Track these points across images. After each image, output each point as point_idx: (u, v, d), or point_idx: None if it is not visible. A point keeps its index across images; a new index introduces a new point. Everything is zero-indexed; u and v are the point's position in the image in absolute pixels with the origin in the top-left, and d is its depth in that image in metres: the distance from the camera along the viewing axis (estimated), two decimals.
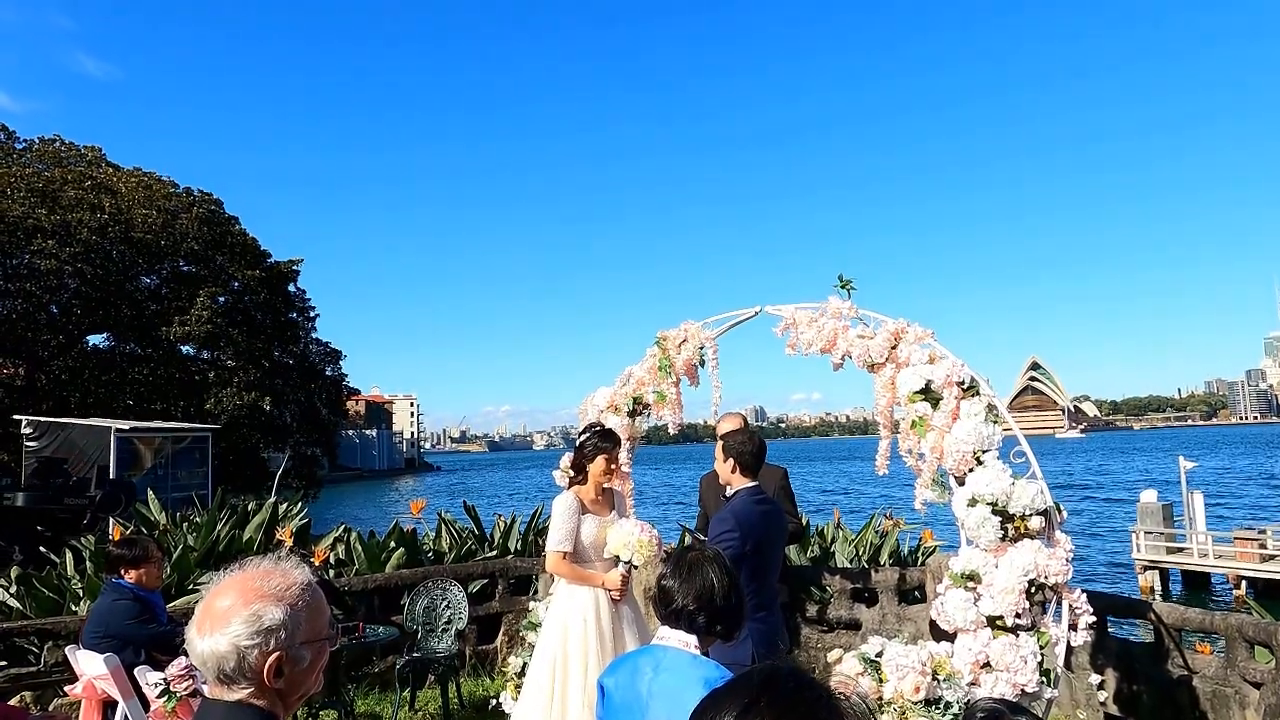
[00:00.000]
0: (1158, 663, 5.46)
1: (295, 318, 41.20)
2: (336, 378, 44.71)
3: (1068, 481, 57.07)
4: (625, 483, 5.97)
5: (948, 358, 4.49)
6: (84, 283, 33.25)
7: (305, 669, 1.54)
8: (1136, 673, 5.56)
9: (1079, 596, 4.07)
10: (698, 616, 2.44)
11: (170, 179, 37.03)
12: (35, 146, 36.37)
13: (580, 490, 4.38)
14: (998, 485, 4.04)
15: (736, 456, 3.89)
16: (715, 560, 2.53)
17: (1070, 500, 43.24)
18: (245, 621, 1.47)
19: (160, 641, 4.37)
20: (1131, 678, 5.58)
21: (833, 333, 4.90)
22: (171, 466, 25.34)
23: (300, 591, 1.55)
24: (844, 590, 6.99)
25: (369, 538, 7.63)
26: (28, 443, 24.03)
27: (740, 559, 3.69)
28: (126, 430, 23.91)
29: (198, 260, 36.23)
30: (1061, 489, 50.18)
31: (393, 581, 6.79)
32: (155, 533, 7.20)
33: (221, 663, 1.47)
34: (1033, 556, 3.97)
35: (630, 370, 5.95)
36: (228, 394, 34.56)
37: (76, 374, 34.08)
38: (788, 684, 1.18)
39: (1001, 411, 4.39)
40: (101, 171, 35.24)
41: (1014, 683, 3.82)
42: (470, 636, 7.02)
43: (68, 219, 31.39)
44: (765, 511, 3.85)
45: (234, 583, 1.55)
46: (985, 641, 3.95)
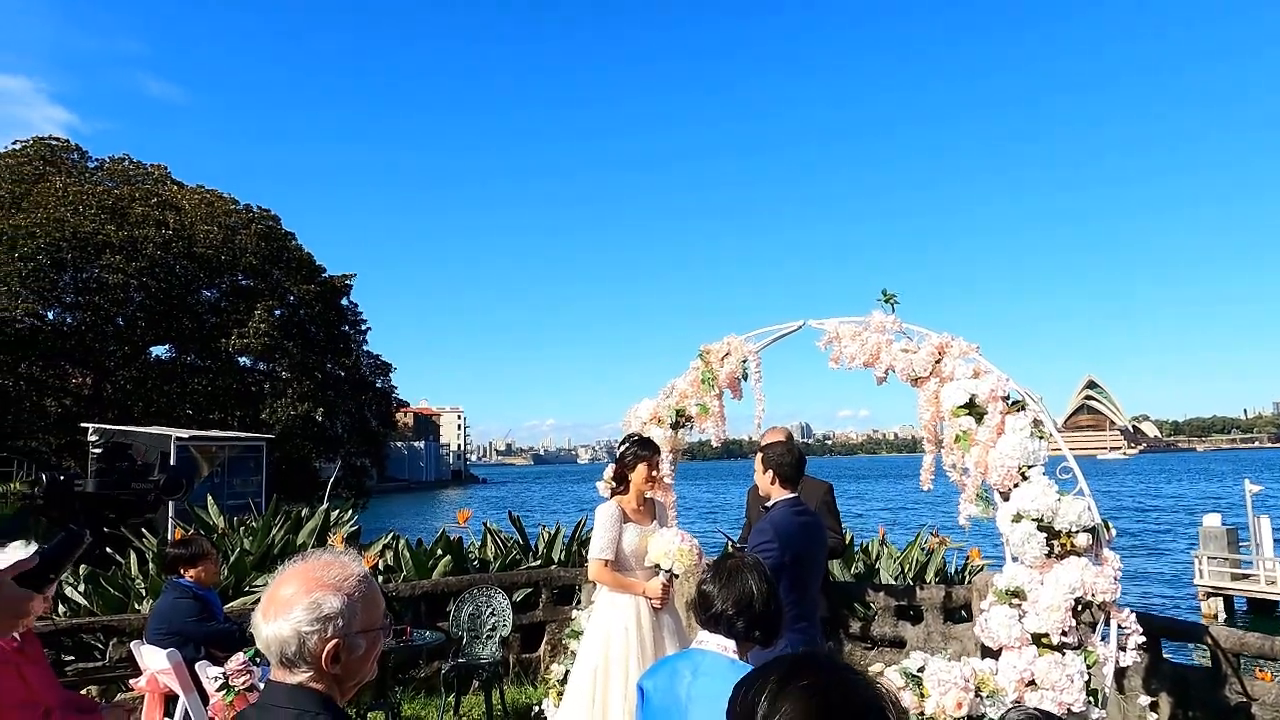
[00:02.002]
0: (1214, 688, 5.29)
1: (347, 331, 42.23)
2: (386, 390, 45.63)
3: (1116, 504, 55.34)
4: (668, 494, 6.03)
5: (992, 372, 4.47)
6: (148, 296, 34.59)
7: (361, 656, 1.63)
8: (1192, 698, 5.41)
9: (1128, 616, 4.00)
10: (737, 621, 2.48)
11: (231, 196, 38.40)
12: (106, 165, 38.05)
13: (622, 500, 4.44)
14: (1043, 501, 4.00)
15: (776, 468, 3.93)
16: (755, 568, 2.58)
17: (1120, 522, 41.88)
18: (306, 609, 1.57)
19: (218, 639, 4.53)
20: (1186, 703, 5.42)
21: (876, 347, 4.90)
22: (227, 474, 26.08)
23: (357, 583, 1.64)
24: (888, 607, 6.92)
25: (417, 545, 7.79)
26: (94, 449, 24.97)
27: (779, 569, 3.71)
28: (186, 438, 24.69)
29: (256, 274, 37.42)
30: (1109, 512, 48.64)
31: (439, 588, 6.92)
32: (214, 536, 7.46)
33: (284, 647, 1.57)
34: (1079, 574, 3.92)
35: (673, 383, 6.00)
36: (282, 404, 35.53)
37: (140, 383, 35.39)
38: (827, 664, 1.23)
39: (1047, 426, 4.35)
40: (166, 189, 36.69)
41: (1060, 701, 3.77)
42: (514, 644, 7.11)
43: (135, 235, 32.70)
44: (805, 523, 3.87)
45: (297, 572, 1.65)
46: (1030, 659, 3.90)
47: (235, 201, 38.37)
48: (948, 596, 6.77)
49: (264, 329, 35.48)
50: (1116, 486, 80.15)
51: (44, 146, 36.81)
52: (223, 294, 37.88)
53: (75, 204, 32.01)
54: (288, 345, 36.63)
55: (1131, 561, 28.26)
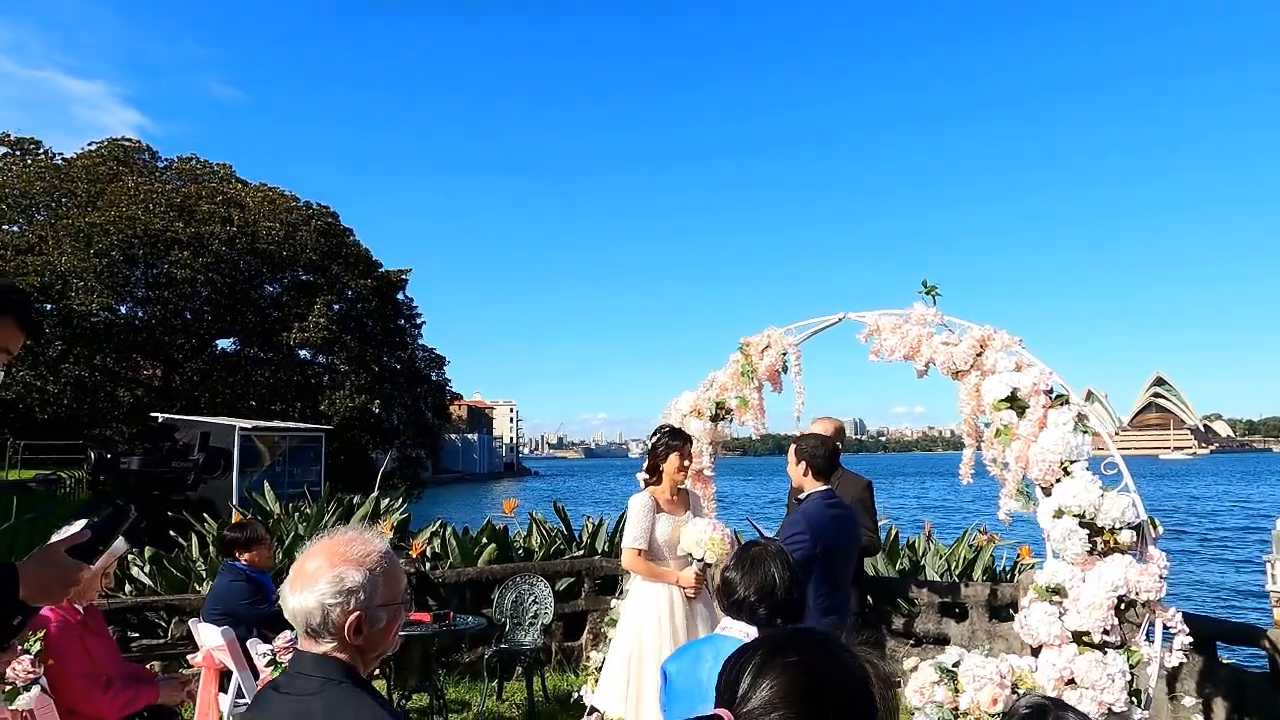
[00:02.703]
0: (1273, 693, 5.13)
1: (403, 325, 43.04)
2: (440, 383, 46.38)
3: (1174, 505, 53.24)
4: (708, 486, 6.05)
5: (1035, 365, 4.39)
6: (214, 291, 35.79)
7: (382, 629, 1.70)
8: (1248, 702, 5.24)
9: (1174, 615, 3.90)
10: (759, 608, 2.51)
11: (292, 193, 39.42)
12: (174, 165, 39.46)
13: (655, 490, 4.49)
14: (1085, 497, 3.92)
15: (809, 460, 3.93)
16: (778, 555, 2.60)
17: (1170, 522, 40.19)
18: (330, 582, 1.65)
19: (268, 621, 4.72)
20: (1242, 708, 5.26)
21: (916, 339, 4.85)
22: (288, 464, 26.96)
23: (379, 558, 1.72)
24: (931, 604, 6.84)
25: (464, 534, 7.95)
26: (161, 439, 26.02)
27: (810, 561, 3.72)
28: (249, 429, 25.60)
29: (315, 270, 38.38)
30: (1163, 513, 46.71)
31: (484, 575, 7.07)
32: (270, 522, 7.75)
33: (309, 618, 1.66)
34: (1123, 572, 3.83)
35: (714, 375, 6.02)
36: (340, 397, 36.40)
37: (206, 375, 36.65)
38: (816, 641, 1.24)
39: (1093, 422, 4.25)
40: (231, 187, 37.88)
41: (1100, 701, 3.70)
42: (557, 633, 7.22)
43: (201, 231, 33.85)
44: (837, 515, 3.87)
45: (322, 548, 1.74)
46: (1070, 657, 3.83)
47: (296, 199, 39.39)
48: (993, 594, 6.65)
49: (323, 323, 36.36)
50: (1179, 488, 77.17)
51: (117, 147, 38.31)
52: (284, 289, 38.94)
53: (146, 202, 33.24)
54: (346, 339, 37.49)
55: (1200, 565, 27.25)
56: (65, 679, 3.24)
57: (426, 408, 44.07)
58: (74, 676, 3.27)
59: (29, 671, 3.04)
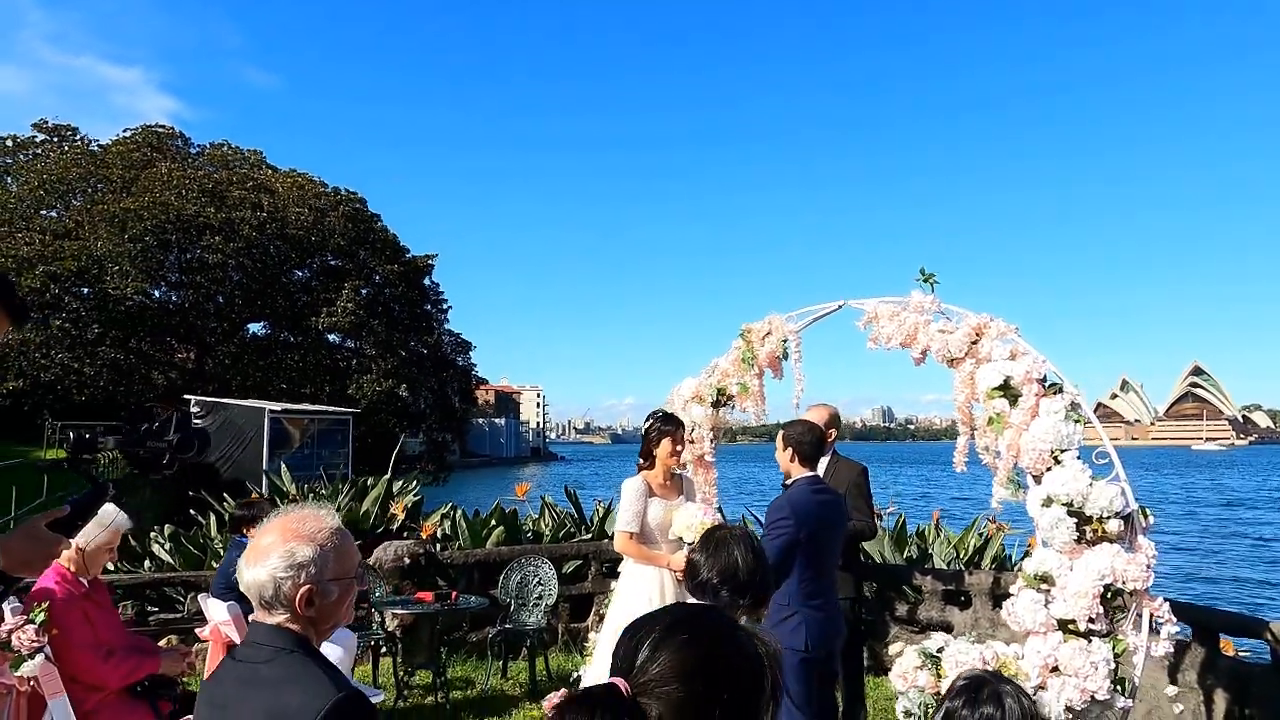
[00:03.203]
0: (1275, 685, 5.08)
1: (429, 310, 43.44)
2: (466, 367, 46.81)
3: (1194, 496, 51.98)
4: (709, 471, 6.10)
5: (1029, 353, 4.37)
6: (245, 275, 36.38)
7: (334, 602, 1.78)
8: (1251, 695, 5.19)
9: (1161, 605, 3.89)
10: (721, 590, 2.56)
11: (320, 179, 39.86)
12: (207, 151, 40.09)
13: (648, 475, 4.54)
14: (1074, 486, 3.91)
15: (795, 446, 3.96)
16: (742, 539, 2.65)
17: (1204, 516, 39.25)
18: (281, 556, 1.73)
19: None
20: (1245, 700, 5.21)
21: (913, 327, 4.84)
22: (317, 446, 27.43)
23: (329, 535, 1.79)
24: (935, 591, 6.85)
25: (474, 516, 8.09)
26: (195, 420, 26.63)
27: (794, 546, 3.76)
28: (278, 411, 26.08)
29: (344, 255, 38.84)
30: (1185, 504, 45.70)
31: (491, 557, 7.19)
32: (285, 502, 7.94)
33: (262, 590, 1.74)
34: (1110, 561, 3.82)
35: (716, 362, 6.05)
36: (368, 381, 36.87)
37: (238, 359, 37.34)
38: (713, 620, 1.26)
39: (1085, 411, 4.23)
40: (262, 173, 38.42)
41: (1083, 688, 3.70)
42: (563, 614, 7.34)
43: (232, 217, 34.39)
44: (822, 501, 3.90)
45: (276, 524, 1.81)
46: (1055, 645, 3.84)
47: (324, 184, 39.84)
48: (996, 582, 6.64)
49: (351, 308, 36.82)
50: (1208, 478, 75.52)
51: (151, 134, 39.01)
52: (313, 274, 39.47)
53: (179, 188, 33.83)
54: (373, 324, 37.94)
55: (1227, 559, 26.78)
56: (68, 648, 3.38)
57: (452, 392, 44.52)
58: (77, 646, 3.41)
59: (33, 641, 3.18)
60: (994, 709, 1.94)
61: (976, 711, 1.94)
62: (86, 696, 3.43)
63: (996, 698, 1.97)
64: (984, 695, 1.98)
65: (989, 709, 1.94)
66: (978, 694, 1.99)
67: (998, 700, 1.96)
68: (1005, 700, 1.95)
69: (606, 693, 1.18)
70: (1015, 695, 1.99)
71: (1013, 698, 1.97)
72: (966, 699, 1.99)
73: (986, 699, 1.97)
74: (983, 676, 2.07)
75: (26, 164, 36.38)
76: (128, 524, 3.68)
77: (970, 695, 2.00)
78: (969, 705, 1.97)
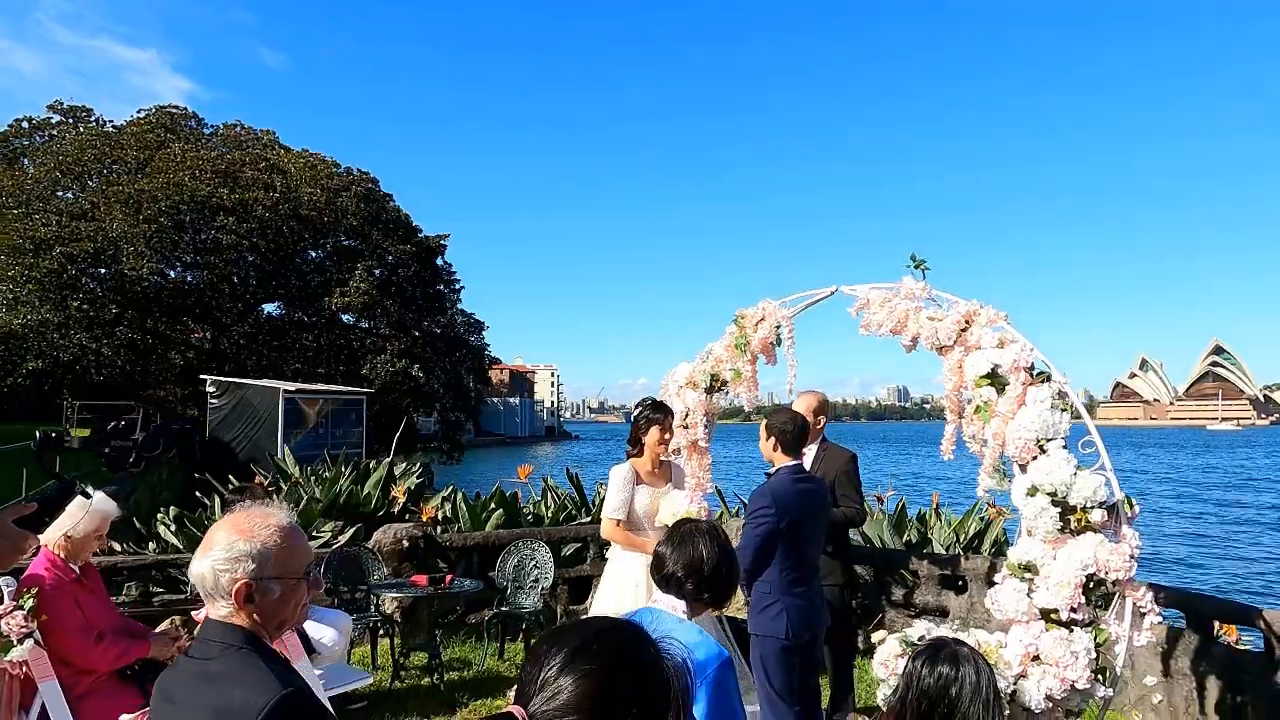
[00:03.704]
0: (1270, 674, 5.06)
1: (442, 290, 43.54)
2: (479, 347, 46.95)
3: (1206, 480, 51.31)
4: (704, 457, 6.10)
5: (1018, 341, 4.33)
6: (259, 256, 36.61)
7: (277, 599, 1.80)
8: (1244, 683, 5.18)
9: (1144, 594, 3.87)
10: (686, 583, 2.58)
11: (333, 159, 39.90)
12: (220, 131, 40.20)
13: (637, 462, 4.57)
14: (1058, 475, 3.89)
15: (778, 435, 3.96)
16: (709, 533, 2.66)
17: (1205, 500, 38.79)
18: (223, 549, 1.77)
19: None
20: (1238, 688, 5.20)
21: (904, 314, 4.81)
22: (331, 426, 27.69)
23: (273, 532, 1.81)
24: (932, 576, 6.84)
25: (474, 499, 8.16)
26: (211, 399, 26.96)
27: (775, 535, 3.78)
28: (293, 391, 26.33)
29: (356, 235, 38.96)
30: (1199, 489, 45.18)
31: (490, 540, 7.25)
32: (288, 484, 8.04)
33: (203, 581, 1.78)
34: (1093, 550, 3.81)
35: (710, 347, 6.04)
36: (381, 361, 37.08)
37: (253, 339, 37.65)
38: (621, 642, 1.23)
39: (1073, 399, 4.20)
40: (274, 154, 38.50)
41: (1062, 677, 3.71)
42: (562, 596, 7.40)
43: (245, 198, 34.54)
44: (804, 490, 3.90)
45: (227, 519, 1.85)
46: (1036, 634, 3.84)
47: (337, 165, 39.89)
48: (992, 568, 6.62)
49: (364, 288, 36.97)
50: (1221, 460, 74.73)
51: (165, 115, 39.16)
52: (326, 254, 39.63)
53: (192, 169, 33.98)
54: (386, 304, 38.09)
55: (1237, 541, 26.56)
56: (59, 633, 3.46)
57: (466, 372, 44.69)
58: (67, 631, 3.49)
59: (22, 626, 3.25)
60: (949, 668, 2.04)
61: (935, 670, 2.03)
62: (78, 680, 3.51)
63: (954, 658, 2.07)
64: (942, 656, 2.09)
65: (945, 668, 2.05)
66: (936, 654, 2.10)
67: (954, 660, 2.06)
68: (961, 662, 2.04)
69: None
70: (971, 658, 2.07)
71: (969, 660, 2.05)
72: (926, 659, 2.09)
73: (944, 659, 2.09)
74: (942, 640, 2.16)
75: (42, 146, 36.65)
76: (116, 511, 3.75)
77: (929, 655, 2.11)
78: (927, 664, 2.07)
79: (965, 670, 2.03)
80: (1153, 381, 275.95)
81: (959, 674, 2.01)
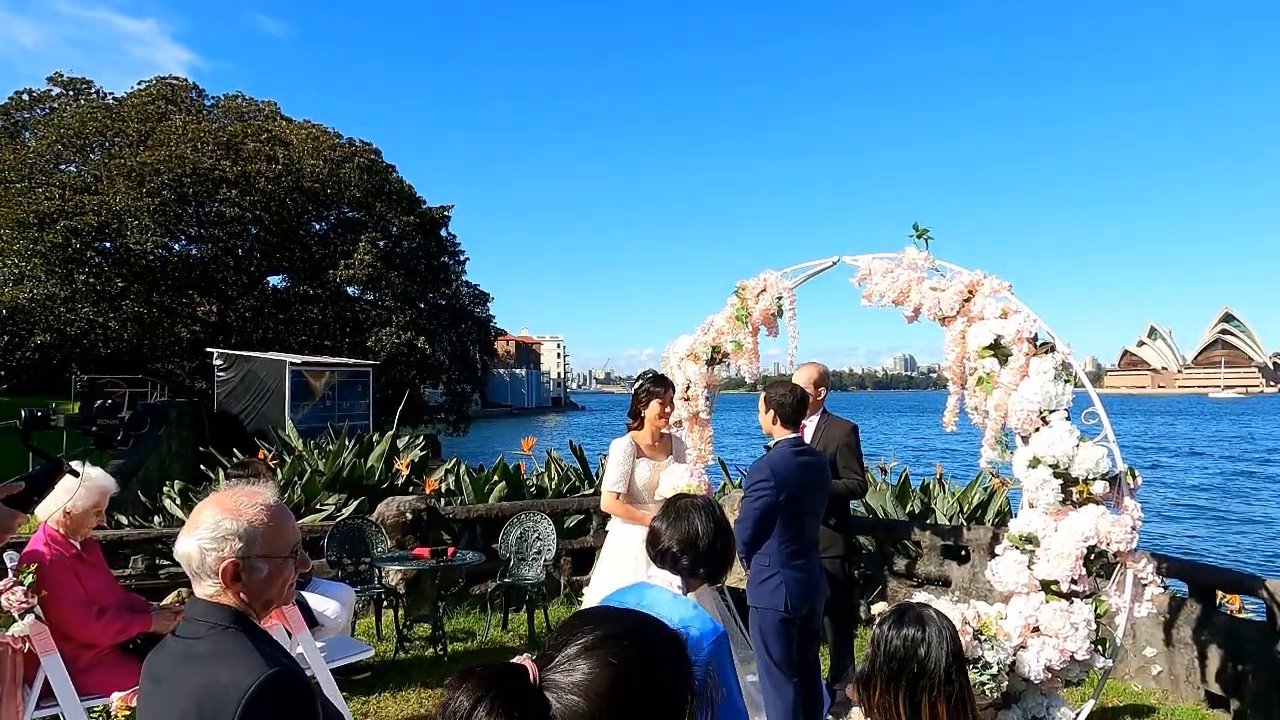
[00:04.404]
0: (1270, 643, 5.06)
1: (447, 262, 43.35)
2: (485, 319, 46.84)
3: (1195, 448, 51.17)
4: (705, 429, 6.09)
5: (1021, 311, 4.28)
6: (263, 229, 36.46)
7: (264, 579, 1.79)
8: (1245, 653, 5.19)
9: (1145, 565, 3.85)
10: (681, 559, 2.57)
11: (335, 130, 39.54)
12: (221, 102, 39.86)
13: (637, 435, 4.55)
14: (1060, 447, 3.86)
15: (777, 408, 3.93)
16: (704, 509, 2.64)
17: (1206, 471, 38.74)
18: (209, 528, 1.75)
19: None
20: (1239, 657, 5.21)
21: (906, 284, 4.75)
22: (338, 398, 27.78)
23: (260, 511, 1.80)
24: (935, 546, 6.85)
25: (478, 471, 8.17)
26: (219, 373, 27.07)
27: (774, 508, 3.76)
28: (299, 364, 26.38)
29: (360, 207, 38.73)
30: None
31: (493, 512, 7.28)
32: (291, 457, 8.06)
33: (189, 560, 1.76)
34: (1094, 522, 3.79)
35: (711, 319, 5.99)
36: (387, 333, 37.03)
37: (259, 312, 37.63)
38: (658, 649, 1.18)
39: (1076, 370, 4.15)
40: (276, 125, 38.18)
41: (1062, 649, 3.70)
42: (565, 567, 7.45)
43: (248, 170, 34.32)
44: (804, 463, 3.88)
45: (213, 498, 1.83)
46: (1036, 605, 3.84)
47: (339, 136, 39.50)
48: (995, 538, 6.62)
49: (368, 260, 36.77)
50: (1222, 428, 74.55)
51: (165, 86, 38.78)
52: (330, 226, 39.38)
53: (194, 141, 33.71)
54: (391, 276, 37.91)
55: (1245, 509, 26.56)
56: (59, 608, 3.48)
57: (471, 343, 44.64)
58: (67, 606, 3.51)
59: (22, 601, 3.27)
60: (916, 629, 2.07)
61: (901, 632, 2.05)
62: (80, 654, 3.54)
63: (919, 620, 2.11)
64: (908, 618, 2.11)
65: (911, 629, 2.09)
66: (901, 618, 2.12)
67: (919, 622, 2.11)
68: (926, 623, 2.07)
69: (511, 675, 1.13)
70: (936, 618, 2.09)
71: (933, 621, 2.08)
72: (892, 623, 2.13)
73: (909, 621, 2.10)
74: (908, 604, 2.18)
75: (44, 119, 36.41)
76: (114, 487, 3.76)
77: (894, 619, 2.13)
78: (894, 628, 2.09)
79: (930, 630, 2.06)
80: (1161, 349, 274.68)
81: (925, 634, 2.04)
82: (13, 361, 31.66)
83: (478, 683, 1.09)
